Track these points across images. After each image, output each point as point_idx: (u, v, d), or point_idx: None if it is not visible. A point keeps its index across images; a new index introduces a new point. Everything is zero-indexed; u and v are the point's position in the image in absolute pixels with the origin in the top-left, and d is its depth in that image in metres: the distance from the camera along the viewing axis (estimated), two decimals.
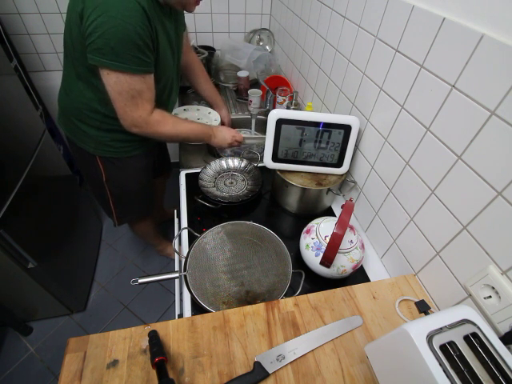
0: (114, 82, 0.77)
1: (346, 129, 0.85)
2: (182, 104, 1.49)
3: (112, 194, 1.16)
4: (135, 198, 1.24)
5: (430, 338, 0.40)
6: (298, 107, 1.35)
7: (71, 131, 1.01)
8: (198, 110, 1.34)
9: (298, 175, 0.94)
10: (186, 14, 1.67)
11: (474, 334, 0.41)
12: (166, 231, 1.88)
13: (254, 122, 1.24)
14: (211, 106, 1.31)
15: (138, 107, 0.83)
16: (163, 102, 0.98)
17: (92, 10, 0.69)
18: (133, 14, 0.71)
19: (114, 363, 0.53)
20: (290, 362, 0.55)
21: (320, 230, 0.75)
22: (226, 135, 1.07)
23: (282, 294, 0.69)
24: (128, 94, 0.79)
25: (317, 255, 0.73)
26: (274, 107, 1.41)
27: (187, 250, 0.77)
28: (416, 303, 0.50)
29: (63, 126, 1.04)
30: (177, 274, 0.72)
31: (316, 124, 0.86)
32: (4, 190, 1.07)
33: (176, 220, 1.13)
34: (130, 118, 0.84)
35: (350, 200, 0.75)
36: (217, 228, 0.82)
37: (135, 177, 1.15)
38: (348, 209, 0.67)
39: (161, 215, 1.84)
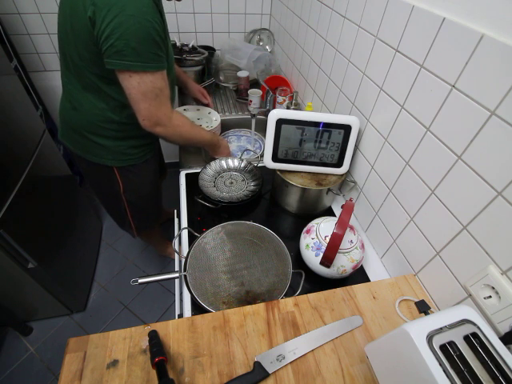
0: (137, 83, 0.74)
1: (346, 129, 0.85)
2: (181, 104, 1.49)
3: (129, 205, 1.14)
4: (149, 205, 1.24)
5: (430, 338, 0.40)
6: (298, 107, 1.35)
7: (82, 147, 0.97)
8: (198, 109, 1.34)
9: (298, 175, 0.94)
10: (183, 13, 1.68)
11: (474, 334, 0.41)
12: (166, 231, 1.88)
13: (253, 122, 1.24)
14: (181, 84, 1.31)
15: (161, 105, 0.81)
16: (171, 98, 0.98)
17: (107, 11, 0.65)
18: (149, 10, 0.68)
19: (114, 363, 0.53)
20: (290, 362, 0.55)
21: (320, 230, 0.75)
22: (223, 152, 1.12)
23: (282, 294, 0.69)
24: (152, 93, 0.77)
25: (317, 255, 0.73)
26: (274, 107, 1.41)
27: (187, 250, 0.77)
28: (416, 303, 0.50)
29: (70, 142, 0.99)
30: (177, 274, 0.72)
31: (316, 124, 0.86)
32: (4, 190, 1.07)
33: (176, 220, 1.13)
34: (154, 118, 0.82)
35: (350, 200, 0.75)
36: (217, 228, 0.82)
37: (149, 181, 1.14)
38: (348, 209, 0.67)
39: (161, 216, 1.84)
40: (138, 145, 0.99)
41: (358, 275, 0.81)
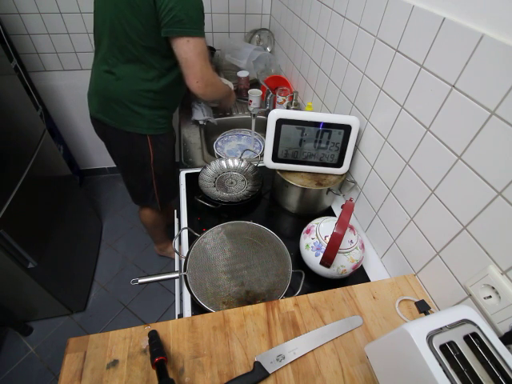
0: (194, 46, 0.87)
1: (346, 129, 0.85)
2: (181, 103, 1.49)
3: (156, 177, 1.24)
4: (171, 179, 1.34)
5: (430, 338, 0.40)
6: (298, 107, 1.35)
7: (120, 118, 1.06)
8: None
9: (298, 175, 0.94)
10: None
11: (474, 334, 0.41)
12: (167, 231, 1.87)
13: (254, 122, 1.24)
14: None
15: (209, 65, 0.95)
16: None
17: None
18: None
19: (114, 363, 0.53)
20: (290, 362, 0.55)
21: (320, 230, 0.75)
22: (232, 99, 1.31)
23: (282, 294, 0.69)
24: (204, 55, 0.91)
25: (317, 255, 0.73)
26: (274, 107, 1.41)
27: (187, 250, 0.77)
28: (416, 303, 0.50)
29: (108, 115, 1.08)
30: (177, 274, 0.72)
31: (316, 124, 0.86)
32: (4, 190, 1.07)
33: (176, 220, 1.13)
34: (206, 77, 0.94)
35: (350, 200, 0.75)
36: (217, 228, 0.82)
37: (172, 152, 1.27)
38: (348, 209, 0.67)
39: (170, 216, 1.82)
40: (166, 115, 1.12)
41: (358, 275, 0.81)
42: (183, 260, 0.75)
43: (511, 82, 0.44)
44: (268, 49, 1.75)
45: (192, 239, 0.81)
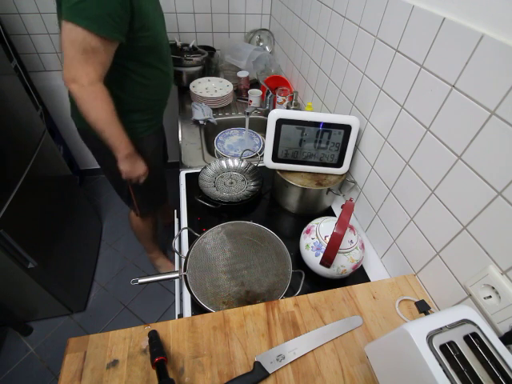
0: (69, 30, 0.73)
1: (346, 129, 0.85)
2: (181, 103, 1.50)
3: (133, 185, 1.19)
4: (151, 184, 1.24)
5: (430, 338, 0.40)
6: (298, 107, 1.35)
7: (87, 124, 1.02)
8: (209, 80, 1.44)
9: (298, 175, 0.93)
10: (183, 13, 1.68)
11: (474, 334, 0.41)
12: (156, 242, 1.81)
13: (247, 120, 1.23)
14: None
15: (87, 64, 0.77)
16: (164, 74, 1.03)
17: None
18: None
19: (114, 363, 0.53)
20: (290, 362, 0.55)
21: (320, 230, 0.75)
22: (137, 169, 1.03)
23: (282, 294, 0.69)
24: (80, 46, 0.74)
25: (317, 255, 0.73)
26: (274, 107, 1.41)
27: (187, 250, 0.77)
28: (416, 303, 0.50)
29: (78, 120, 1.05)
30: (177, 274, 0.72)
31: (316, 124, 0.86)
32: (4, 190, 1.07)
33: (176, 220, 1.13)
34: (74, 71, 0.77)
35: (350, 200, 0.75)
36: (217, 228, 0.82)
37: (150, 158, 1.15)
38: (348, 209, 0.67)
39: (168, 215, 1.80)
40: (137, 119, 1.04)
41: (358, 275, 0.81)
42: (183, 260, 0.75)
43: (511, 82, 0.44)
44: (268, 49, 1.75)
45: (192, 239, 0.81)
